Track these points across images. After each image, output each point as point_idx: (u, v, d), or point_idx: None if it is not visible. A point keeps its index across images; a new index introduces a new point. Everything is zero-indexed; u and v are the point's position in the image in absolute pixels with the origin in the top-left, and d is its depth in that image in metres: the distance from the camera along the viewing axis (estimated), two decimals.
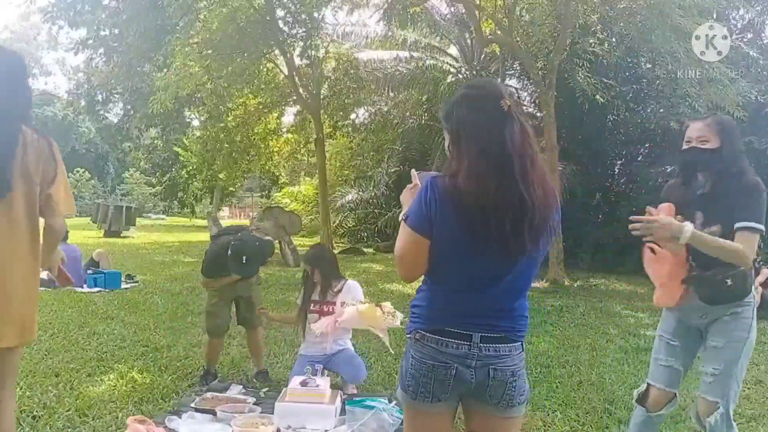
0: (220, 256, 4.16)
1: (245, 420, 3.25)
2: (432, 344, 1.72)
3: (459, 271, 1.70)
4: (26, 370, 4.28)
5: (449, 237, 1.66)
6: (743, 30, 12.47)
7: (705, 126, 2.51)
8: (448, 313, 1.73)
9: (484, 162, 1.62)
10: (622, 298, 8.89)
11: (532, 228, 1.63)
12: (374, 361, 4.86)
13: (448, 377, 1.71)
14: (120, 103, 19.46)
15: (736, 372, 2.49)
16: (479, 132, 1.65)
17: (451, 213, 1.64)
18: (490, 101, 1.67)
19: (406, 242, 1.72)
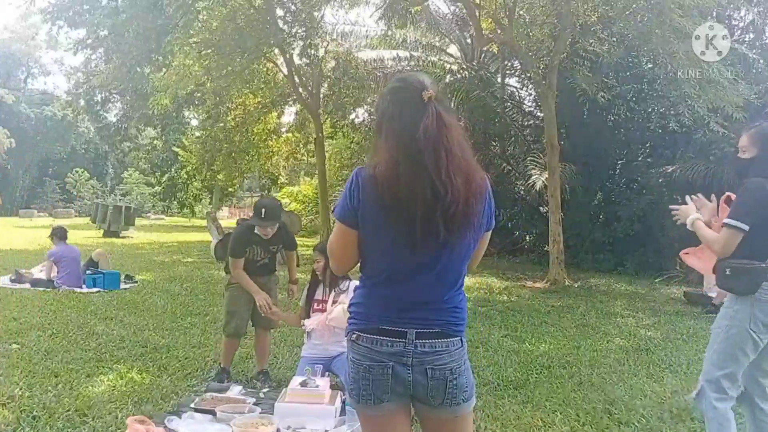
0: (244, 233, 4.29)
1: (245, 420, 3.25)
2: (367, 344, 1.71)
3: (384, 263, 1.70)
4: (26, 370, 4.27)
5: (373, 228, 1.67)
6: (744, 31, 12.47)
7: (747, 137, 2.74)
8: (383, 311, 1.72)
9: (398, 152, 1.62)
10: (622, 299, 8.89)
11: (447, 218, 1.61)
12: None
13: (385, 377, 1.69)
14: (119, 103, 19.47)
15: (711, 356, 2.73)
16: (397, 123, 1.66)
17: (372, 204, 1.64)
18: (410, 93, 1.68)
19: (335, 234, 1.75)
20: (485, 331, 6.21)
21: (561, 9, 10.01)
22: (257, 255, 4.33)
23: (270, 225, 4.18)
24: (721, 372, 2.68)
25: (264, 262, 4.41)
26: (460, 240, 1.67)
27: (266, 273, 4.48)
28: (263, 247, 4.35)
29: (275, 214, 4.24)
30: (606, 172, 13.81)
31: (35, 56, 46.92)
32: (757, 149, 2.67)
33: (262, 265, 4.39)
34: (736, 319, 2.64)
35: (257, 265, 4.36)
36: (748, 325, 2.61)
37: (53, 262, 8.30)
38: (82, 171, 41.79)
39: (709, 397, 2.69)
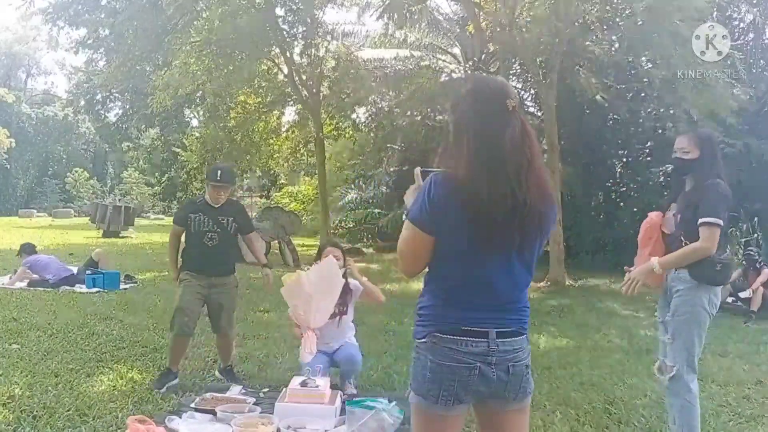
0: (192, 200, 4.29)
1: (245, 420, 3.25)
2: (449, 345, 1.71)
3: (462, 267, 1.71)
4: (26, 370, 4.27)
5: (452, 233, 1.67)
6: (745, 31, 12.47)
7: (687, 139, 3.05)
8: (462, 312, 1.73)
9: (481, 159, 1.64)
10: (622, 299, 8.88)
11: (524, 225, 1.67)
12: (374, 362, 4.85)
13: (472, 377, 1.71)
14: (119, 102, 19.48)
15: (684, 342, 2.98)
16: (480, 129, 1.67)
17: (452, 209, 1.65)
18: (495, 99, 1.69)
19: (408, 238, 1.73)
20: None
21: (561, 9, 10.01)
22: (203, 224, 4.07)
23: (223, 188, 4.09)
24: (695, 354, 2.96)
25: (213, 239, 4.10)
26: (531, 245, 1.75)
27: (219, 264, 4.14)
28: (211, 216, 4.10)
29: (231, 178, 4.23)
30: (607, 172, 13.81)
31: (36, 57, 46.95)
32: (699, 151, 2.98)
33: (212, 246, 4.09)
34: (697, 305, 2.91)
35: (204, 242, 4.07)
36: (707, 307, 2.92)
37: (27, 268, 8.38)
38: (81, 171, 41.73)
39: (686, 380, 2.94)
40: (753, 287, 7.60)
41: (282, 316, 6.70)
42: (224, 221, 4.14)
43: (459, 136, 1.72)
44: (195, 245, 4.14)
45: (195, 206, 4.22)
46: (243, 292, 8.39)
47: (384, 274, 11.09)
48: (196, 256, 4.13)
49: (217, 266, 4.18)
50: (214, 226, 4.12)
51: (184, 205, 4.41)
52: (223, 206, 4.13)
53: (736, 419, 3.82)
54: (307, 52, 14.48)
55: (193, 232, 4.12)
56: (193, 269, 4.16)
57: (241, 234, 4.33)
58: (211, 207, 4.12)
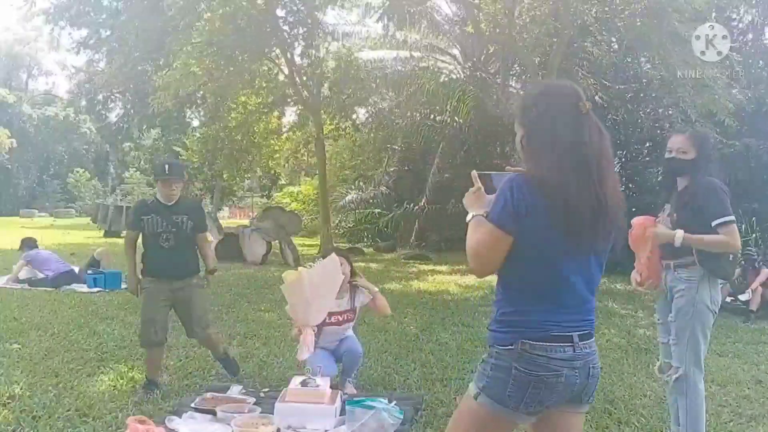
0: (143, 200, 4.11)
1: (245, 420, 3.26)
2: (540, 352, 1.69)
3: (547, 270, 1.71)
4: (26, 370, 4.28)
5: (537, 234, 1.67)
6: (744, 32, 12.46)
7: (685, 139, 3.02)
8: (549, 316, 1.72)
9: (565, 161, 1.65)
10: (621, 298, 8.88)
11: (605, 227, 1.70)
12: (374, 362, 4.85)
13: (559, 384, 1.70)
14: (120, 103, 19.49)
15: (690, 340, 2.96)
16: (561, 131, 1.68)
17: (538, 210, 1.65)
18: (570, 101, 1.71)
19: (486, 239, 1.71)
20: (485, 331, 6.18)
21: (560, 9, 10.01)
22: (157, 226, 3.87)
23: (174, 181, 3.88)
24: (701, 353, 2.95)
25: (168, 240, 3.90)
26: (606, 245, 1.77)
27: (178, 266, 3.94)
28: (164, 216, 3.89)
29: (180, 171, 4.04)
30: None
31: (37, 57, 46.99)
32: (697, 152, 2.96)
33: (169, 247, 3.90)
34: (700, 303, 2.90)
35: (160, 243, 3.88)
36: (710, 305, 2.90)
37: (27, 262, 8.45)
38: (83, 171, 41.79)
39: (693, 380, 2.92)
40: (752, 287, 7.59)
41: (282, 316, 6.71)
42: (179, 220, 3.93)
43: (537, 139, 1.73)
44: (151, 248, 3.95)
45: (147, 207, 4.01)
46: (243, 291, 8.44)
47: (384, 274, 11.09)
48: (154, 259, 3.94)
49: (176, 269, 3.97)
50: (168, 226, 3.90)
51: (135, 207, 4.13)
52: (177, 204, 3.93)
53: (736, 419, 3.82)
54: (308, 53, 14.49)
55: (147, 235, 3.92)
56: (153, 274, 3.96)
57: (195, 232, 4.09)
58: (164, 206, 3.91)
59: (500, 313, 1.79)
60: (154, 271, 3.95)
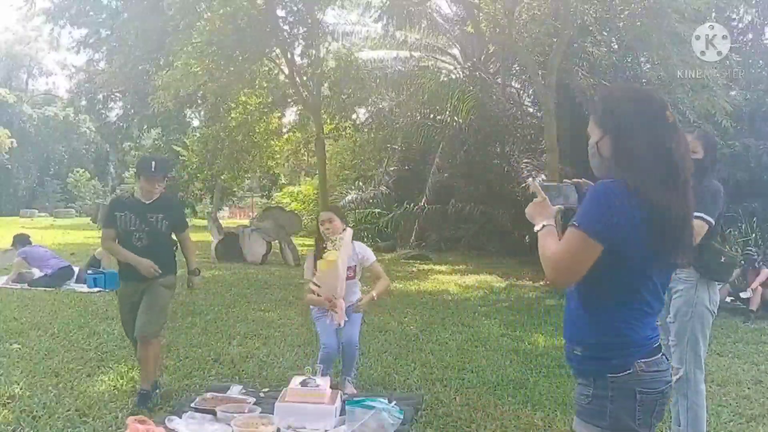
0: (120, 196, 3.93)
1: (245, 420, 3.26)
2: (655, 368, 1.64)
3: (640, 281, 1.65)
4: (26, 370, 4.28)
5: (634, 245, 1.60)
6: (744, 32, 12.46)
7: (693, 139, 3.03)
8: (649, 331, 1.67)
9: (658, 169, 1.61)
10: None
11: (687, 239, 1.66)
12: (374, 362, 4.86)
13: (665, 398, 1.68)
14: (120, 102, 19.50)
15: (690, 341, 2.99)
16: (652, 138, 1.64)
17: (635, 219, 1.59)
18: (657, 109, 1.68)
19: (573, 247, 1.61)
20: (485, 331, 6.22)
21: (559, 9, 10.01)
22: (129, 223, 3.71)
23: (158, 180, 3.74)
24: (701, 353, 2.98)
25: (141, 240, 3.74)
26: (681, 260, 1.72)
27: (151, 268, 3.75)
28: (139, 214, 3.73)
29: (165, 169, 3.92)
30: None
31: (37, 57, 46.99)
32: (704, 152, 3.02)
33: (141, 247, 3.73)
34: (699, 304, 2.94)
35: (133, 243, 3.73)
36: (708, 305, 2.94)
37: (23, 259, 8.47)
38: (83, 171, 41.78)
39: (694, 381, 2.96)
40: (752, 287, 7.59)
41: (282, 315, 6.73)
42: (153, 219, 3.75)
43: (626, 144, 1.66)
44: (126, 246, 3.76)
45: (121, 204, 3.84)
46: (243, 291, 8.44)
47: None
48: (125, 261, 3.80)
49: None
50: (142, 224, 3.73)
51: (110, 203, 3.92)
52: (155, 202, 3.75)
53: (736, 419, 3.82)
54: (308, 52, 14.49)
55: (120, 233, 3.75)
56: (127, 277, 3.82)
57: (175, 232, 3.93)
58: (140, 203, 3.75)
59: (602, 335, 1.67)
60: (127, 272, 3.80)
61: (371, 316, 6.72)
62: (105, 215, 3.88)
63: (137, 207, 3.76)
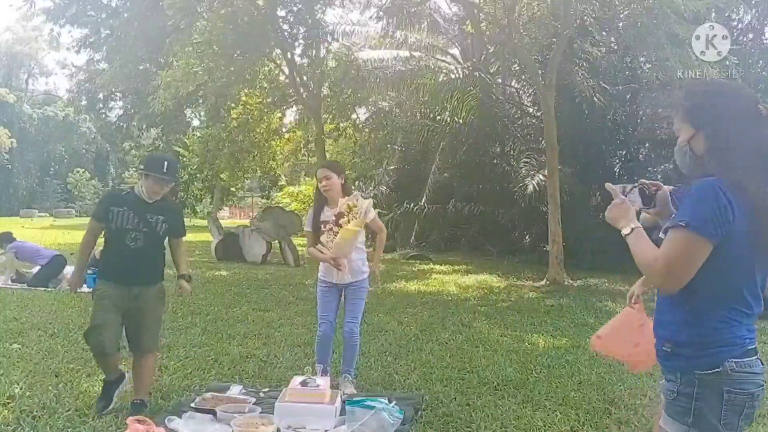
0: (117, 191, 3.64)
1: (245, 420, 3.26)
2: (747, 369, 1.61)
3: (747, 280, 1.63)
4: (26, 370, 4.28)
5: (739, 242, 1.57)
6: (744, 32, 12.46)
7: None
8: (744, 331, 1.63)
9: (756, 164, 1.59)
10: (621, 298, 8.86)
11: None
12: (374, 362, 4.86)
13: (758, 400, 1.64)
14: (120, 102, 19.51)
15: None
16: (747, 132, 1.61)
17: (741, 216, 1.55)
18: (748, 102, 1.65)
19: (688, 249, 1.56)
20: (485, 331, 6.22)
21: (559, 9, 10.02)
22: (127, 221, 3.46)
23: (167, 183, 3.51)
24: None
25: (137, 240, 3.48)
26: None
27: (142, 270, 3.55)
28: (138, 213, 3.48)
29: (176, 172, 3.69)
30: (606, 172, 13.82)
31: (37, 57, 47.01)
32: None
33: (135, 248, 3.48)
34: None
35: (126, 242, 3.46)
36: None
37: (14, 255, 8.55)
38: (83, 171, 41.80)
39: None
40: None
41: (282, 315, 6.73)
42: (153, 220, 3.52)
43: (722, 141, 1.63)
44: (115, 246, 3.52)
45: (120, 199, 3.55)
46: (243, 291, 8.44)
47: (384, 273, 11.07)
48: (115, 259, 3.54)
49: (139, 273, 3.55)
50: (140, 224, 3.48)
51: (105, 197, 3.75)
52: (157, 203, 3.54)
53: None
54: (308, 52, 14.50)
55: (114, 230, 3.48)
56: (112, 277, 3.56)
57: (171, 237, 3.73)
58: (141, 202, 3.50)
59: (695, 334, 1.64)
60: (113, 273, 3.55)
61: (371, 316, 6.72)
62: (99, 208, 3.57)
63: (137, 205, 3.49)
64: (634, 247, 1.69)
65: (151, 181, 3.48)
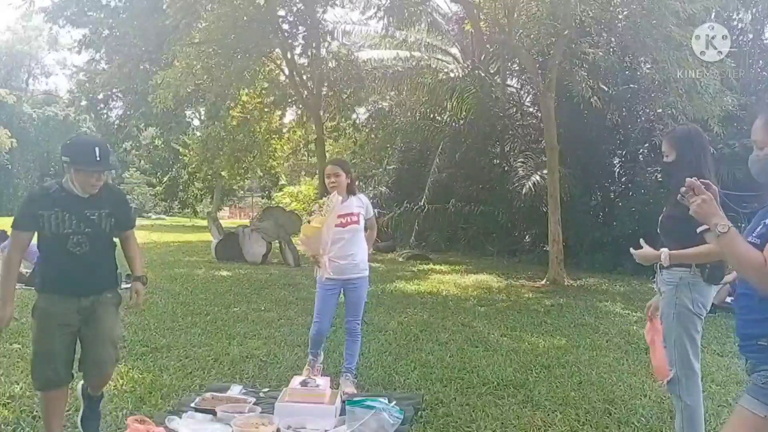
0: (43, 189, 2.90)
1: (245, 420, 3.26)
2: None
3: None
4: (26, 370, 4.28)
5: None
6: (744, 32, 12.46)
7: (666, 142, 3.05)
8: None
9: None
10: (621, 298, 8.89)
11: None
12: (374, 362, 4.86)
13: None
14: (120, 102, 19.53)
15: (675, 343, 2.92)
16: None
17: None
18: None
19: None
20: (484, 331, 6.22)
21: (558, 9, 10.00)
22: (63, 224, 2.80)
23: (103, 170, 2.86)
24: (689, 355, 2.91)
25: (81, 244, 2.83)
26: None
27: (93, 278, 2.91)
28: (75, 212, 2.82)
29: (109, 158, 2.95)
30: (605, 173, 13.83)
31: (38, 57, 47.01)
32: (676, 153, 2.96)
33: (81, 254, 2.83)
34: (680, 306, 2.87)
35: (68, 248, 2.81)
36: (691, 307, 2.86)
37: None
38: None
39: (684, 382, 2.90)
40: None
41: (282, 315, 6.73)
42: (95, 216, 2.87)
43: None
44: (54, 255, 2.86)
45: (48, 199, 2.83)
46: (243, 291, 8.44)
47: (384, 273, 11.08)
48: (58, 270, 2.87)
49: (88, 282, 2.90)
50: (81, 224, 2.83)
51: (28, 200, 2.93)
52: (95, 196, 2.87)
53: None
54: (308, 52, 14.51)
55: (49, 236, 2.82)
56: (55, 289, 2.88)
57: (119, 231, 3.06)
58: (75, 198, 2.83)
59: None
60: (57, 285, 2.88)
61: (371, 315, 6.73)
62: (22, 215, 2.86)
63: (72, 203, 2.82)
64: (732, 247, 1.70)
65: (81, 174, 2.80)
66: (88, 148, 2.84)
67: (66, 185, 2.86)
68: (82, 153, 2.82)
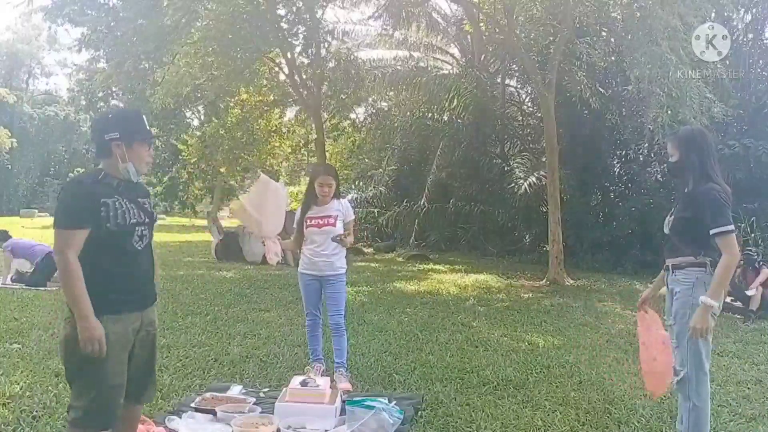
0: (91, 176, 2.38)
1: (245, 420, 3.26)
2: None
3: None
4: (26, 370, 4.28)
5: None
6: (744, 31, 12.46)
7: (670, 143, 3.08)
8: None
9: None
10: (621, 298, 8.89)
11: None
12: (374, 362, 4.86)
13: None
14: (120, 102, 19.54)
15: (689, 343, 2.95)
16: None
17: None
18: None
19: None
20: (484, 331, 6.22)
21: (558, 10, 10.01)
22: (129, 214, 2.33)
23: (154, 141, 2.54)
24: (702, 356, 2.94)
25: (143, 238, 2.39)
26: None
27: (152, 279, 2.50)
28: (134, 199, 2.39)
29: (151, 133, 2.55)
30: (605, 173, 13.83)
31: (37, 57, 47.01)
32: (679, 153, 2.98)
33: (142, 248, 2.39)
34: (696, 305, 2.86)
35: (134, 244, 2.35)
36: None
37: (9, 252, 8.64)
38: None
39: (695, 383, 2.92)
40: (752, 287, 7.60)
41: (282, 315, 6.73)
42: (148, 204, 2.48)
43: None
44: (118, 254, 2.33)
45: (106, 187, 2.34)
46: (243, 291, 8.44)
47: (384, 274, 11.09)
48: (122, 273, 2.34)
49: (151, 289, 2.51)
50: (142, 214, 2.40)
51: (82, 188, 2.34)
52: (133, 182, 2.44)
53: (736, 419, 3.83)
54: (308, 52, 14.51)
55: (115, 232, 2.29)
56: (119, 301, 2.32)
57: None
58: (128, 184, 2.40)
59: None
60: (123, 296, 2.34)
61: (371, 315, 6.73)
62: (77, 208, 2.26)
63: (127, 189, 2.39)
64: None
65: (139, 149, 2.40)
66: (137, 116, 2.43)
67: (111, 170, 2.38)
68: (134, 123, 2.40)
